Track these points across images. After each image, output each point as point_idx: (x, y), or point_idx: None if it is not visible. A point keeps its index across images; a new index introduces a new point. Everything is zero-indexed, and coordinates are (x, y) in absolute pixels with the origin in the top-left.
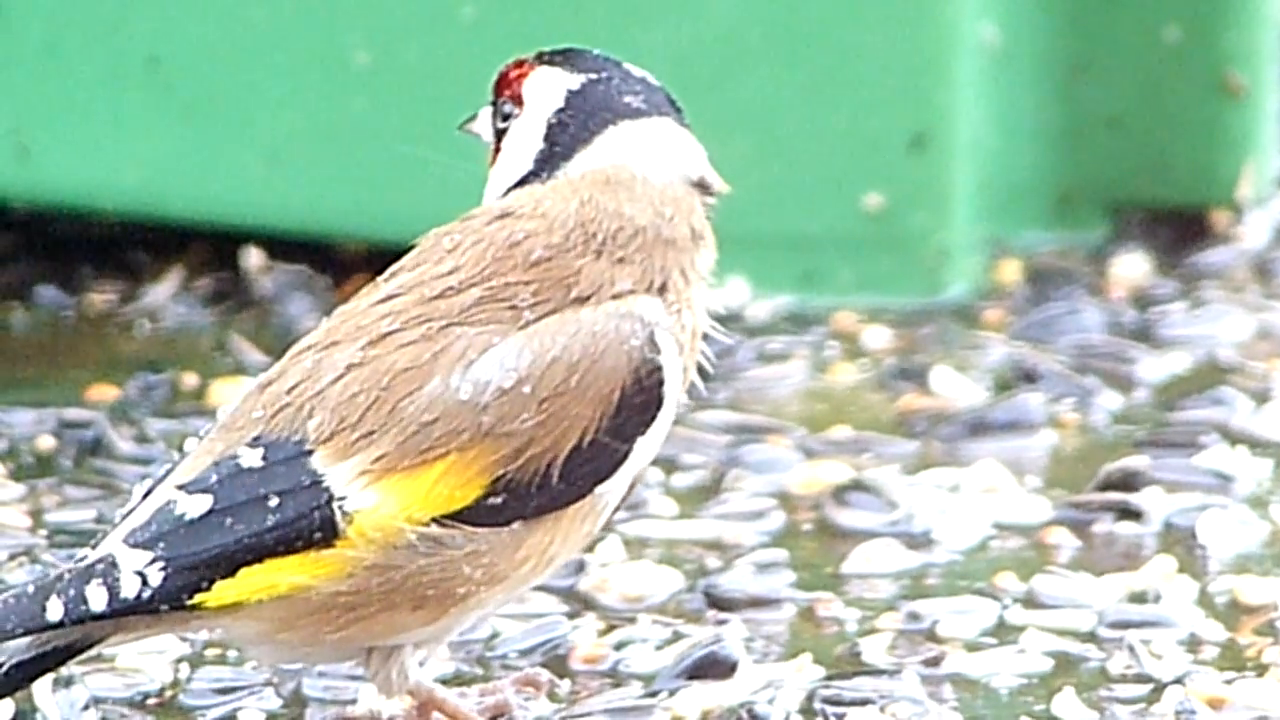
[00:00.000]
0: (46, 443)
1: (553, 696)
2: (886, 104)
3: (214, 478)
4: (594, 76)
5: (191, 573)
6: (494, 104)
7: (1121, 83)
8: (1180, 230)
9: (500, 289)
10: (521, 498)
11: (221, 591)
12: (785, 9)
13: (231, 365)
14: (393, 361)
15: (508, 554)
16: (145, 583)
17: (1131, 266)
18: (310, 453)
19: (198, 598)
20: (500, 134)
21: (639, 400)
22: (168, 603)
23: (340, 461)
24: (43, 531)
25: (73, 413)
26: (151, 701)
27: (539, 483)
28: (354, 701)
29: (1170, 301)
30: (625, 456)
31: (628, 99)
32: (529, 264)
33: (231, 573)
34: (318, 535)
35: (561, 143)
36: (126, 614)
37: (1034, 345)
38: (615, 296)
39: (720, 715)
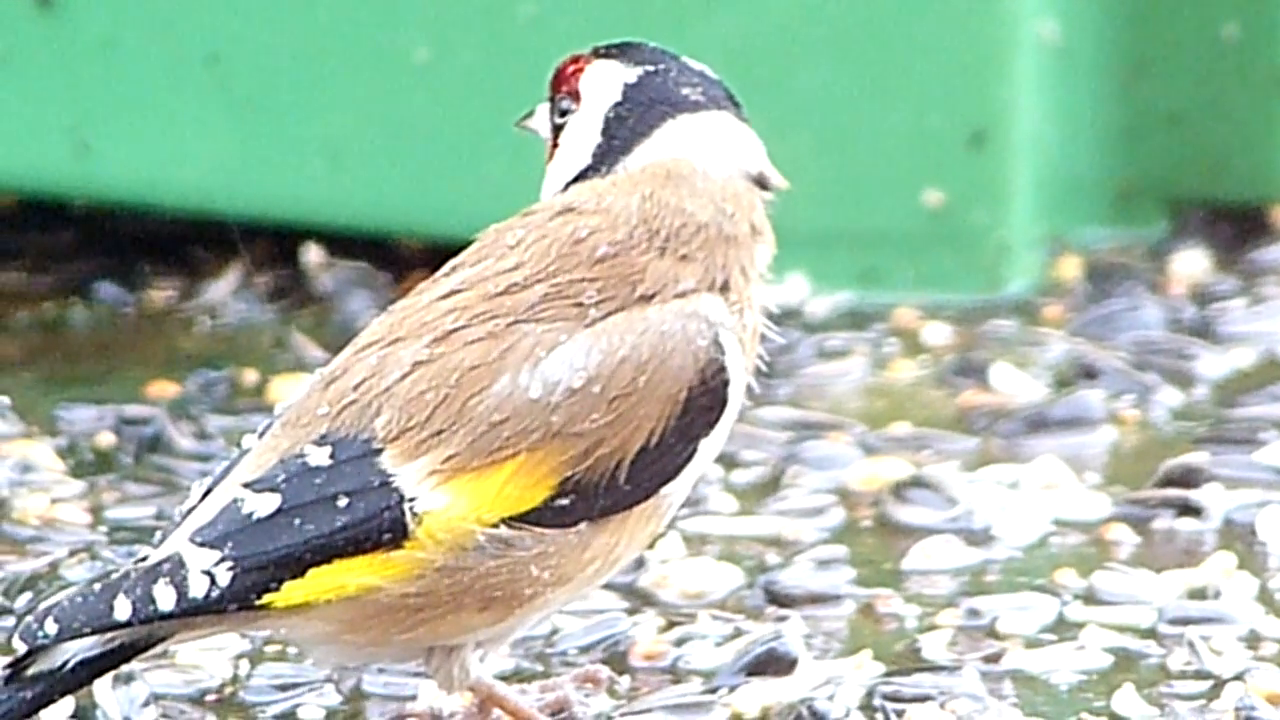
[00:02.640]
0: (106, 439)
1: (612, 693)
2: (946, 101)
3: (281, 476)
4: (651, 69)
5: (260, 573)
6: (551, 100)
7: (1181, 80)
8: (1240, 226)
9: (565, 286)
10: (588, 499)
11: (290, 592)
12: (845, 5)
13: (291, 362)
14: (460, 359)
15: (575, 555)
16: (213, 582)
17: (1191, 263)
18: (379, 451)
19: (266, 598)
20: (558, 130)
21: (704, 401)
22: (236, 603)
23: (409, 461)
24: (102, 528)
25: (132, 409)
26: (211, 698)
27: (606, 484)
28: (414, 698)
29: (1230, 298)
30: (690, 457)
31: (685, 91)
32: (594, 261)
33: (300, 573)
34: (387, 536)
35: (620, 136)
36: (194, 614)
37: (1094, 342)
38: (679, 295)
39: (780, 712)
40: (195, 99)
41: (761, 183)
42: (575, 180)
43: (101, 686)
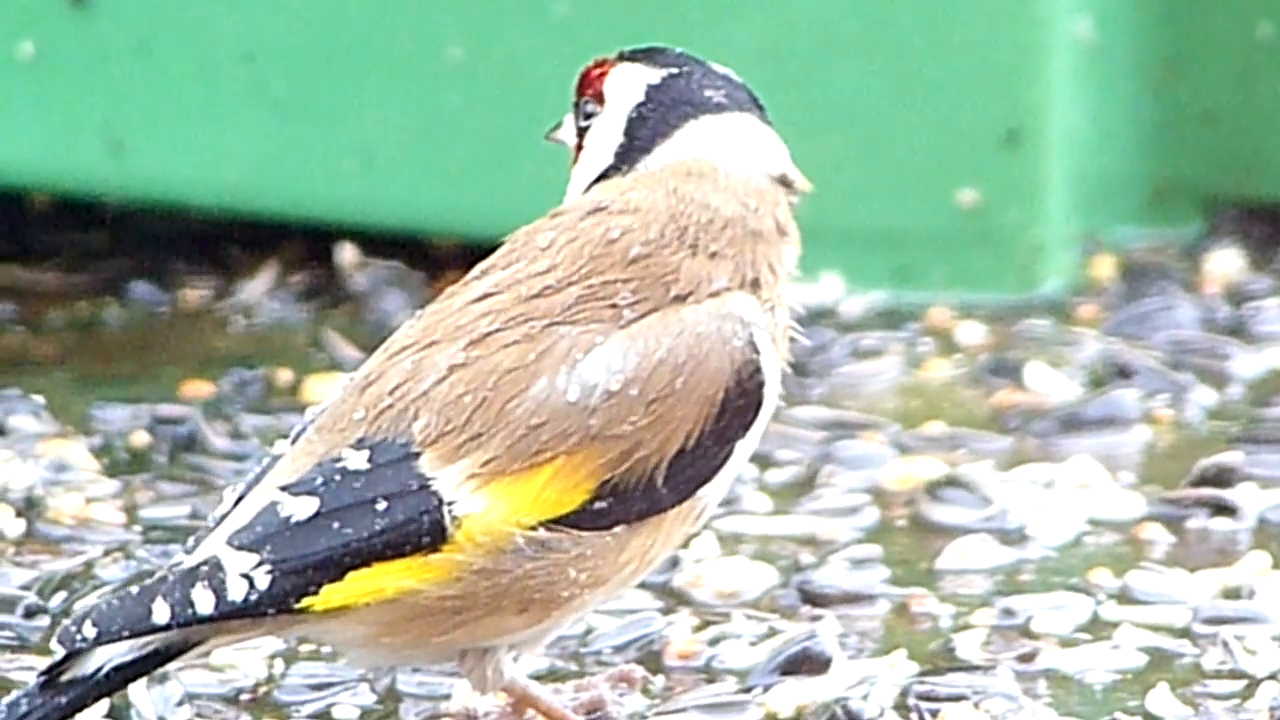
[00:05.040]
0: (141, 439)
1: (647, 692)
2: (980, 100)
3: (319, 480)
4: (675, 71)
5: (298, 576)
6: (576, 105)
7: (1215, 78)
8: (1274, 226)
9: (599, 287)
10: (626, 502)
11: (329, 595)
12: (879, 4)
13: (326, 361)
14: (497, 362)
15: (611, 557)
16: (252, 586)
17: (1225, 262)
18: (417, 455)
19: (305, 601)
20: (582, 133)
21: (740, 402)
22: (275, 606)
23: (448, 465)
24: (137, 527)
25: (167, 409)
26: (245, 697)
27: (644, 487)
28: (449, 697)
29: (1264, 297)
30: (726, 458)
31: (708, 93)
32: (627, 261)
33: (339, 576)
34: (426, 540)
35: (641, 136)
36: (233, 617)
37: (1128, 341)
38: (713, 294)
39: (814, 711)
40: (229, 98)
41: (785, 183)
42: (598, 180)
43: (136, 686)
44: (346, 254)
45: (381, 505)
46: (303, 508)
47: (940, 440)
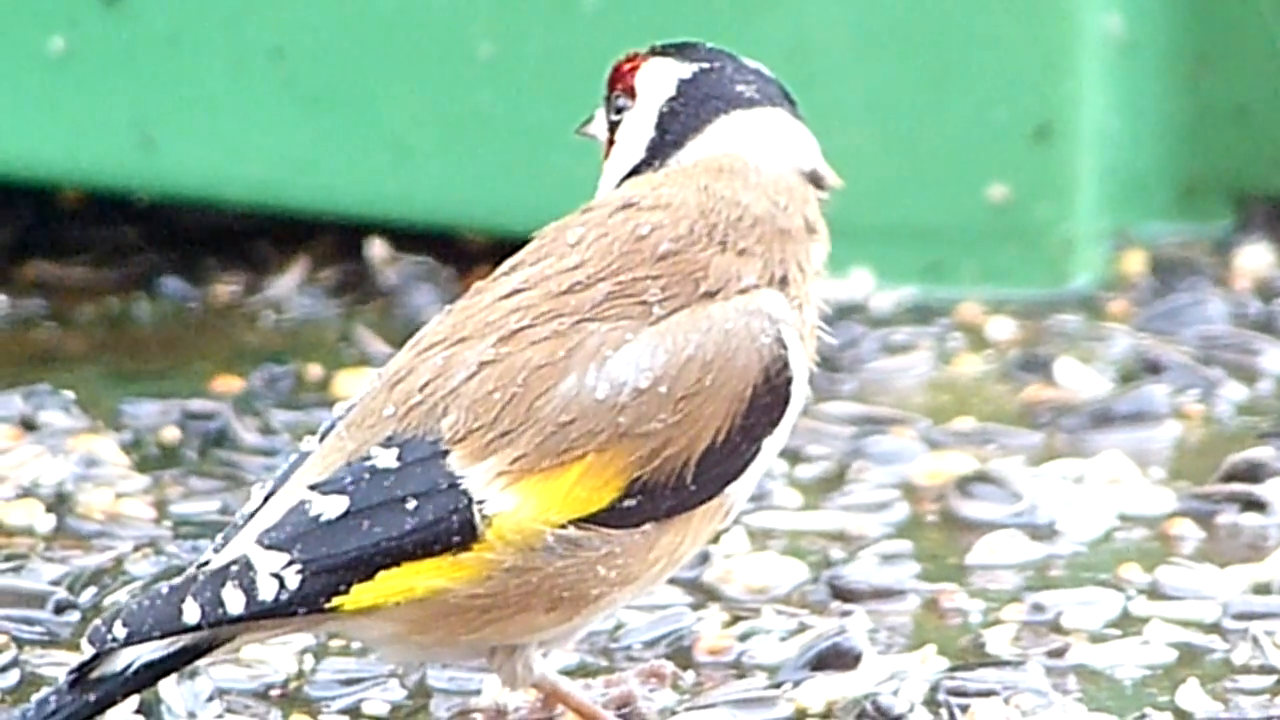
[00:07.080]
0: (171, 434)
1: (677, 688)
2: (1011, 95)
3: (348, 478)
4: (706, 66)
5: (329, 575)
6: (607, 99)
7: (1246, 73)
8: None
9: (629, 284)
10: (655, 500)
11: (359, 595)
12: (909, 0)
13: (356, 356)
14: (527, 358)
15: (641, 555)
16: (282, 585)
17: (1256, 257)
18: (446, 453)
19: (335, 601)
20: (614, 127)
21: (768, 399)
22: (305, 606)
23: (478, 462)
24: (167, 523)
25: (197, 404)
26: (275, 693)
27: (672, 484)
28: (478, 693)
29: None
30: (754, 455)
31: (740, 88)
32: (656, 258)
33: (369, 576)
34: (456, 539)
35: (673, 131)
36: (263, 617)
37: (1158, 336)
38: (741, 291)
39: (844, 706)
40: (259, 94)
41: (815, 180)
42: (629, 175)
43: (166, 682)
44: (377, 249)
45: (411, 504)
46: (333, 507)
47: (970, 435)
